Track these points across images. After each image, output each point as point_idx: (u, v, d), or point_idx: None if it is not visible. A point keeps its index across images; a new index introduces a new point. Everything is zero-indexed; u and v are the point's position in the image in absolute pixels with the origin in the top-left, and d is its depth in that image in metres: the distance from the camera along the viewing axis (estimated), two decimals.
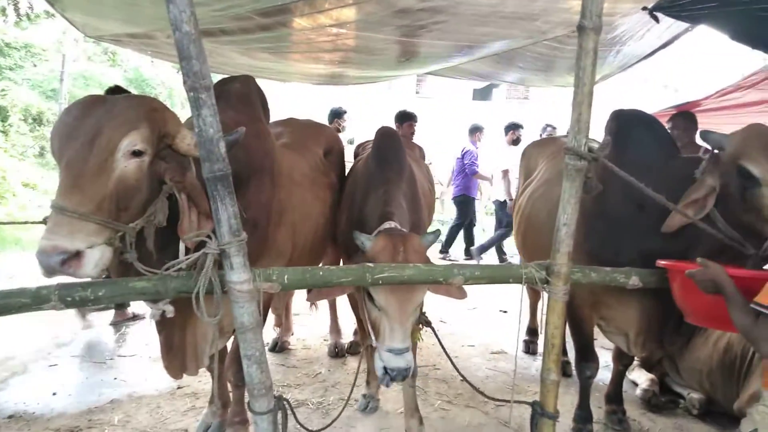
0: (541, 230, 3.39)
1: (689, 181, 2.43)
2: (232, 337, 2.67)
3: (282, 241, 2.68)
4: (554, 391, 2.29)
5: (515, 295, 6.29)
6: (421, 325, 2.64)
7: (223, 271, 1.88)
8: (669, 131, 4.65)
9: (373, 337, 2.42)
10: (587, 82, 1.98)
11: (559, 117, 8.43)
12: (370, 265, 2.12)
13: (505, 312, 5.72)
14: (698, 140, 4.57)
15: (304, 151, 3.36)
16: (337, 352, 4.20)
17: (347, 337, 4.43)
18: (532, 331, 4.60)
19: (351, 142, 7.66)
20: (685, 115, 4.67)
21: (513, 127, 7.90)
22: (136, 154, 1.80)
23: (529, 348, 4.52)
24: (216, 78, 2.23)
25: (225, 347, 2.83)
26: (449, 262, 7.12)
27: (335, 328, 4.36)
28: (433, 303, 5.71)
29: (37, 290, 1.78)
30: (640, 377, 3.73)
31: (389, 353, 2.29)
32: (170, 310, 2.00)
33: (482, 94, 21.19)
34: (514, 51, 4.58)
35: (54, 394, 3.35)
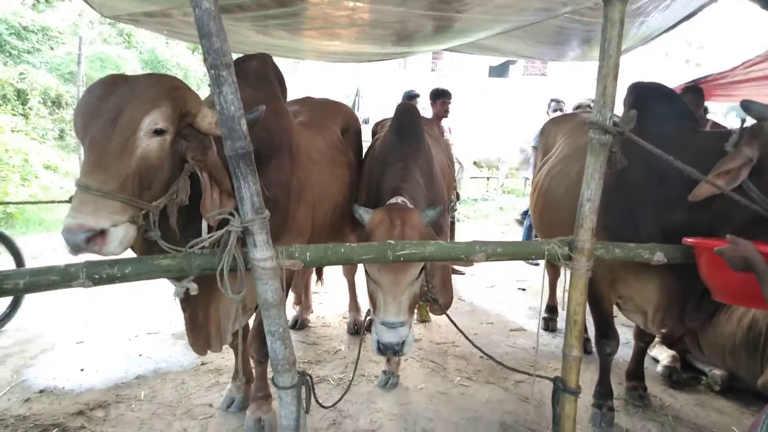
0: (559, 207, 3.35)
1: (716, 155, 2.36)
2: (254, 314, 2.71)
3: (302, 219, 2.70)
4: (576, 367, 2.29)
5: (533, 273, 6.31)
6: (428, 303, 2.66)
7: (247, 249, 1.89)
8: None
9: (372, 311, 2.46)
10: (613, 54, 1.94)
11: (577, 92, 8.22)
12: (392, 242, 2.12)
13: (523, 290, 5.71)
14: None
15: (322, 130, 3.36)
16: (356, 329, 4.24)
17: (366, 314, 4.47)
18: (551, 309, 4.59)
19: (366, 122, 7.62)
20: (694, 90, 4.61)
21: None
22: (158, 132, 1.82)
23: (549, 325, 4.51)
24: (233, 57, 2.23)
25: (247, 324, 2.87)
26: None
27: (354, 306, 4.40)
28: (452, 281, 5.75)
29: (65, 268, 1.80)
30: (661, 354, 3.71)
31: (383, 326, 2.33)
32: (194, 288, 2.02)
33: (499, 71, 20.85)
34: (534, 25, 4.47)
35: (82, 370, 3.44)
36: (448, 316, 2.69)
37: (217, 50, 1.66)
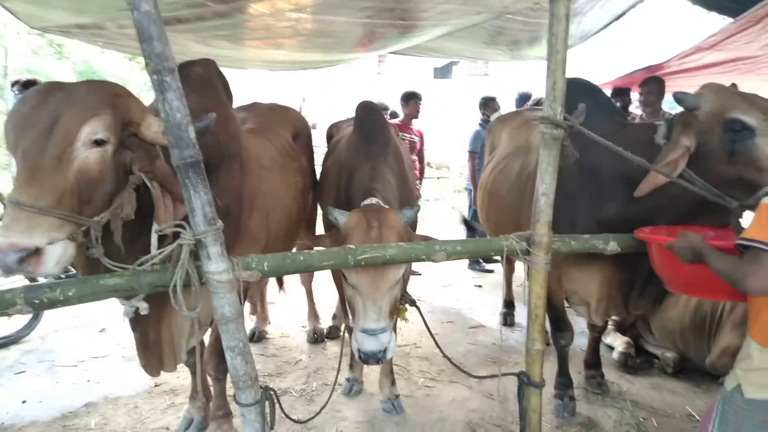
0: (502, 205, 3.39)
1: (645, 147, 2.39)
2: (209, 330, 2.61)
3: (256, 229, 2.62)
4: (539, 360, 2.31)
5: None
6: (406, 305, 2.62)
7: (200, 262, 1.80)
8: (644, 96, 4.73)
9: (350, 318, 2.38)
10: (560, 49, 1.97)
11: (517, 91, 8.32)
12: (352, 246, 2.08)
13: (479, 287, 5.77)
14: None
15: (272, 136, 3.28)
16: (317, 338, 4.16)
17: (325, 322, 4.40)
18: (508, 304, 4.64)
19: (314, 127, 7.52)
20: (658, 80, 4.75)
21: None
22: (99, 143, 1.69)
23: (507, 320, 4.55)
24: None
25: (203, 340, 2.76)
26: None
27: (313, 314, 4.32)
28: (409, 281, 5.72)
29: (0, 294, 1.66)
30: (615, 341, 3.83)
31: (363, 334, 2.24)
32: (144, 307, 1.91)
33: (443, 72, 21.21)
34: (477, 26, 4.54)
35: (24, 402, 3.22)
36: (423, 318, 2.67)
37: (159, 54, 1.58)
